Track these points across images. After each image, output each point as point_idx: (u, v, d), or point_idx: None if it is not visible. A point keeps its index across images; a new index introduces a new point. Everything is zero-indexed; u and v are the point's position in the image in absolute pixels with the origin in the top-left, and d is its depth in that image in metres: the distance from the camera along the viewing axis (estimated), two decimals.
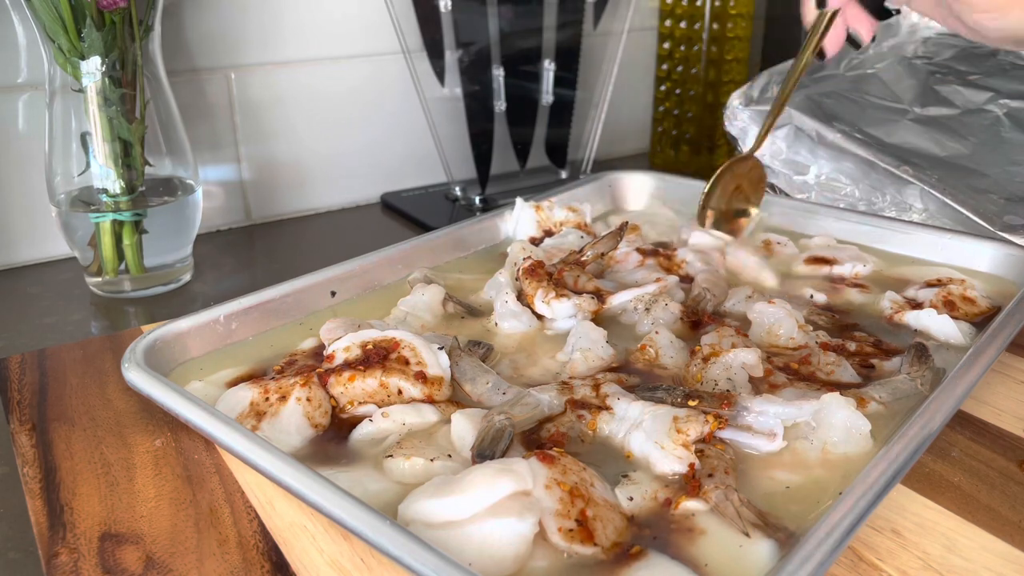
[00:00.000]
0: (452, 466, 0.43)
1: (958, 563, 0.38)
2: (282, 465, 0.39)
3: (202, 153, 0.84)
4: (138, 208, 0.69)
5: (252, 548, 0.39)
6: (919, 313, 0.58)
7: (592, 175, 0.86)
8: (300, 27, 0.87)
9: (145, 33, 0.66)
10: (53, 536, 0.40)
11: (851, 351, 0.55)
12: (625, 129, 1.14)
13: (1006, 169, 0.77)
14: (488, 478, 0.38)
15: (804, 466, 0.43)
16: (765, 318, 0.56)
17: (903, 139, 0.82)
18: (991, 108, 0.84)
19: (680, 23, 1.05)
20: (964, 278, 0.62)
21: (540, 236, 0.72)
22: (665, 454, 0.42)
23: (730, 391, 0.48)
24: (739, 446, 0.44)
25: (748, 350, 0.50)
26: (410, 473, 0.42)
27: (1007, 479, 0.44)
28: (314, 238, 0.88)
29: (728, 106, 0.88)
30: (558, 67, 0.93)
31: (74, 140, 0.67)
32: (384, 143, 0.96)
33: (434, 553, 0.33)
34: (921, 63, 0.93)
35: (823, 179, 0.81)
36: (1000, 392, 0.53)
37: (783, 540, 0.38)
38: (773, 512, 0.40)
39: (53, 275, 0.76)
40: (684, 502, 0.40)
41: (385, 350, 0.50)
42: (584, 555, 0.37)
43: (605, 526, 0.38)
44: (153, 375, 0.48)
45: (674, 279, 0.63)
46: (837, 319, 0.60)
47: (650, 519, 0.40)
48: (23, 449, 0.47)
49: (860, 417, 0.44)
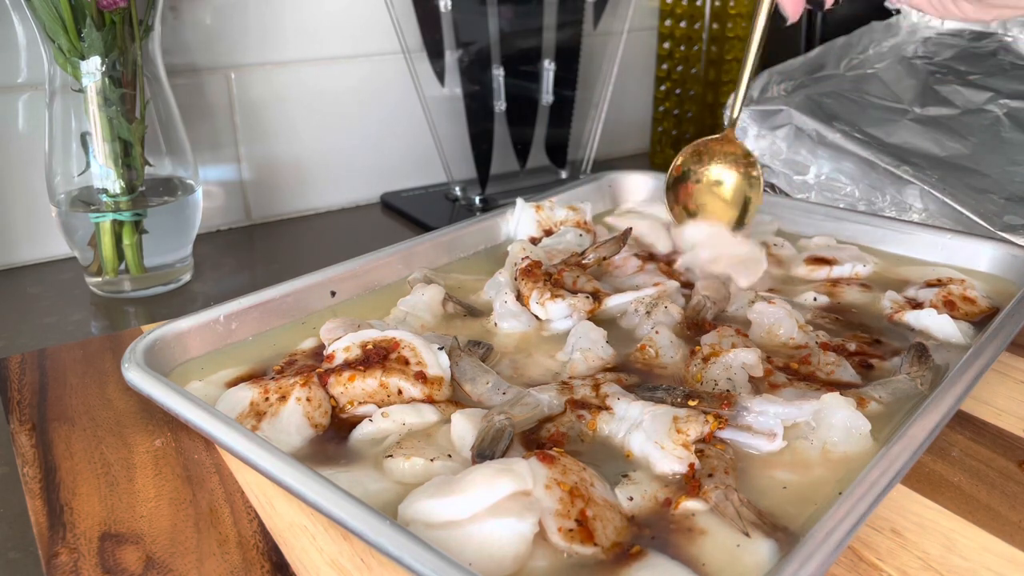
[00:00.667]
0: (452, 466, 0.43)
1: (958, 563, 0.38)
2: (282, 465, 0.39)
3: (202, 153, 0.84)
4: (138, 208, 0.69)
5: (252, 548, 0.39)
6: (919, 313, 0.58)
7: (592, 175, 0.86)
8: (300, 27, 0.87)
9: (145, 33, 0.66)
10: (53, 536, 0.40)
11: (851, 351, 0.55)
12: (625, 129, 1.14)
13: (1006, 169, 0.77)
14: (488, 478, 0.38)
15: (804, 466, 0.43)
16: (765, 318, 0.56)
17: (903, 139, 0.82)
18: (991, 108, 0.84)
19: (680, 23, 1.05)
20: (964, 278, 0.62)
21: (540, 236, 0.72)
22: (665, 454, 0.42)
23: (730, 391, 0.48)
24: (739, 446, 0.44)
25: (748, 350, 0.50)
26: (410, 473, 0.42)
27: (1007, 479, 0.44)
28: (314, 238, 0.88)
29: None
30: (558, 67, 0.93)
31: (74, 140, 0.67)
32: (384, 143, 0.96)
33: (434, 553, 0.33)
34: (921, 63, 0.93)
35: (823, 179, 0.81)
36: (1000, 392, 0.53)
37: (783, 540, 0.38)
38: (773, 512, 0.40)
39: (53, 275, 0.77)
40: (684, 502, 0.40)
41: (385, 350, 0.50)
42: (584, 555, 0.37)
43: (605, 526, 0.38)
44: (153, 375, 0.48)
45: (674, 284, 0.62)
46: (838, 319, 0.60)
47: (650, 519, 0.40)
48: (23, 449, 0.47)
49: (860, 417, 0.44)
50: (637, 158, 1.15)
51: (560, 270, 0.62)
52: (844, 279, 0.65)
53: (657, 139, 1.13)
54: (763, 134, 0.85)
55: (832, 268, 0.66)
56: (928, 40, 0.97)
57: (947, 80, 0.89)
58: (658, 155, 1.13)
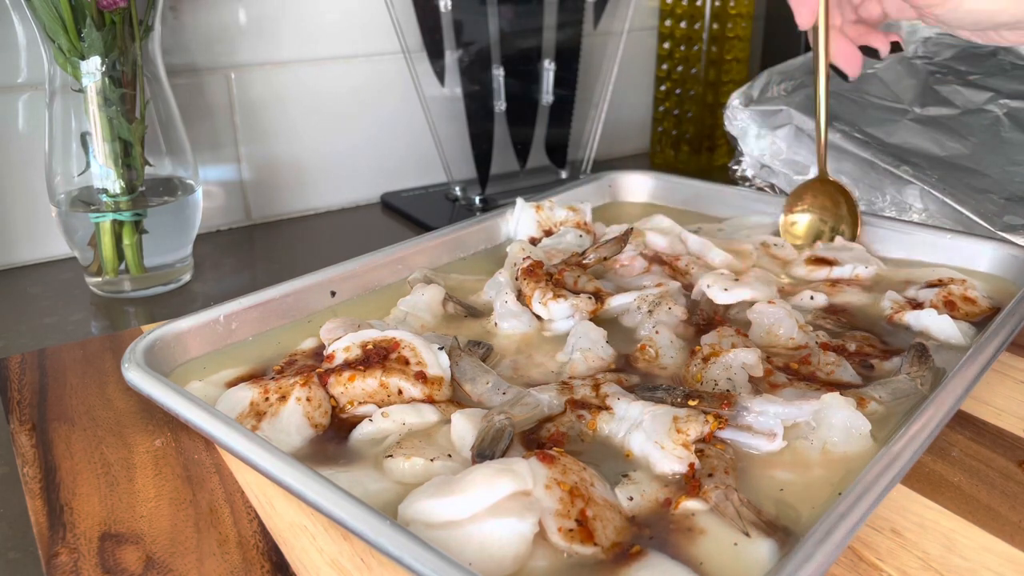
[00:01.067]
0: (452, 466, 0.43)
1: (958, 563, 0.38)
2: (282, 465, 0.39)
3: (202, 153, 0.84)
4: (138, 208, 0.69)
5: (252, 548, 0.39)
6: (919, 313, 0.58)
7: (592, 175, 0.86)
8: (300, 27, 0.87)
9: (145, 33, 0.66)
10: (53, 536, 0.40)
11: (851, 351, 0.55)
12: (625, 129, 1.14)
13: (1006, 169, 0.77)
14: (488, 478, 0.38)
15: (804, 466, 0.43)
16: (765, 318, 0.56)
17: (903, 139, 0.82)
18: (991, 108, 0.84)
19: (680, 23, 1.05)
20: (964, 278, 0.62)
21: (540, 236, 0.72)
22: (665, 454, 0.42)
23: (730, 391, 0.48)
24: (739, 446, 0.44)
25: (748, 350, 0.50)
26: (410, 473, 0.42)
27: (1007, 479, 0.44)
28: (314, 238, 0.88)
29: (728, 106, 0.88)
30: (558, 67, 0.93)
31: (74, 140, 0.67)
32: (384, 143, 0.96)
33: (434, 553, 0.33)
34: (921, 63, 0.93)
35: None
36: (1000, 392, 0.53)
37: (783, 540, 0.38)
38: (773, 512, 0.40)
39: (53, 275, 0.77)
40: (684, 502, 0.40)
41: (385, 350, 0.50)
42: (584, 555, 0.37)
43: (605, 526, 0.38)
44: (153, 375, 0.48)
45: (676, 284, 0.62)
46: (839, 319, 0.60)
47: (650, 519, 0.40)
48: (23, 449, 0.47)
49: (860, 417, 0.44)
50: (637, 158, 1.15)
51: (561, 270, 0.62)
52: (844, 280, 0.65)
53: (657, 139, 1.13)
54: (763, 134, 0.85)
55: (832, 269, 0.66)
56: (928, 40, 0.97)
57: (947, 80, 0.89)
58: (658, 155, 1.13)
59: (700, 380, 0.50)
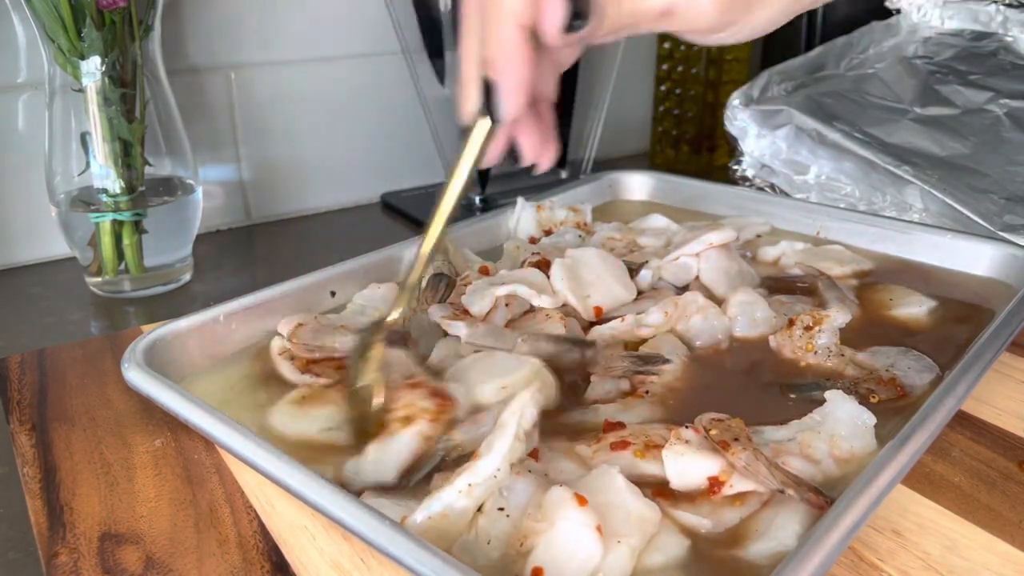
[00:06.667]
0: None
1: (958, 563, 0.38)
2: (282, 465, 0.39)
3: (202, 153, 0.84)
4: (138, 208, 0.68)
5: (252, 548, 0.39)
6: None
7: (592, 175, 0.85)
8: (300, 27, 0.87)
9: (145, 33, 0.66)
10: (53, 536, 0.40)
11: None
12: (625, 129, 1.14)
13: (1006, 169, 0.77)
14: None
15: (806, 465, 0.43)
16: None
17: (903, 139, 0.82)
18: (991, 108, 0.84)
19: None
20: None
21: (540, 236, 0.72)
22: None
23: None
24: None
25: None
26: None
27: (1007, 479, 0.44)
28: (314, 238, 0.88)
29: (728, 106, 0.87)
30: None
31: (74, 140, 0.67)
32: (384, 143, 0.96)
33: (434, 553, 0.33)
34: (921, 63, 0.93)
35: (823, 179, 0.81)
36: (1000, 392, 0.53)
37: (814, 502, 0.38)
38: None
39: (53, 275, 0.76)
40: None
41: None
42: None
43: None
44: (153, 375, 0.48)
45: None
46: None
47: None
48: (23, 449, 0.47)
49: (864, 411, 0.44)
50: (637, 158, 1.15)
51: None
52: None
53: (657, 139, 1.13)
54: (763, 134, 0.85)
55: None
56: (928, 40, 0.97)
57: (947, 80, 0.89)
58: (658, 155, 1.13)
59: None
